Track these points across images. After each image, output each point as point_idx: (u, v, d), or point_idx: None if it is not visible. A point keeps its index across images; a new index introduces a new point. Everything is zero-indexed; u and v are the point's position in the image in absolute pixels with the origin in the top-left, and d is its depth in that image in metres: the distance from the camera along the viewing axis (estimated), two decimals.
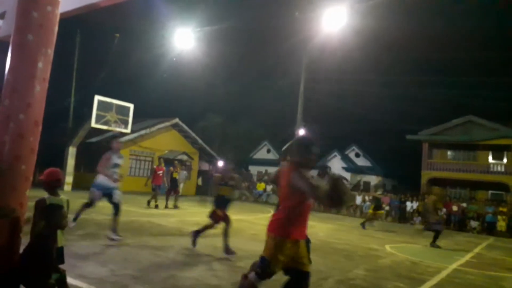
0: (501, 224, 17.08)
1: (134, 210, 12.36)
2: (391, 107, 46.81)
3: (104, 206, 12.83)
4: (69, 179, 18.49)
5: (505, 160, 25.75)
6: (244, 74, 51.47)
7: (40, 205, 3.13)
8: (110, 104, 18.70)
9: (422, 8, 44.47)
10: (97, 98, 18.13)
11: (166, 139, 23.46)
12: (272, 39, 44.99)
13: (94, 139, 21.27)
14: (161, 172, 14.35)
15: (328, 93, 34.61)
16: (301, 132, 27.89)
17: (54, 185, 3.29)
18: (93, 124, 18.08)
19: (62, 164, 18.44)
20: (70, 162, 18.86)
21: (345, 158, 37.05)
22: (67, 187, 18.24)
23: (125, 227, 8.64)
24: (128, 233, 7.84)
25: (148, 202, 14.06)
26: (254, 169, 33.89)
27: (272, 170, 32.07)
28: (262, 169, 31.99)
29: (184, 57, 24.69)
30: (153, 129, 22.70)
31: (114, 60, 22.77)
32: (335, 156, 36.83)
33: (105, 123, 18.52)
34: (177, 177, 14.70)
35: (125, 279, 4.55)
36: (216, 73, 43.40)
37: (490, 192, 25.49)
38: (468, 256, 9.37)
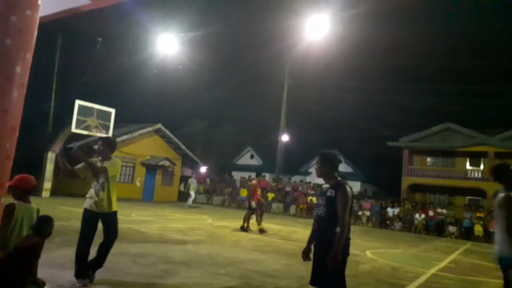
0: (478, 229, 17.46)
1: None
2: (372, 114, 47.60)
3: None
4: (47, 185, 18.09)
5: (482, 167, 26.43)
6: (228, 80, 51.54)
7: (8, 209, 3.04)
8: (91, 109, 18.43)
9: (403, 16, 45.49)
10: (77, 102, 17.84)
11: (148, 145, 23.23)
12: (256, 45, 45.20)
13: (74, 145, 20.87)
14: (250, 184, 12.47)
15: (311, 100, 34.95)
16: (284, 137, 28.08)
17: (24, 192, 3.23)
18: (74, 129, 17.77)
19: (41, 170, 18.03)
20: (49, 167, 18.46)
21: None
22: (46, 193, 17.84)
23: None
24: None
25: (243, 228, 11.73)
26: (237, 175, 33.81)
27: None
28: (246, 174, 31.93)
29: (167, 62, 24.60)
30: (135, 134, 22.46)
31: (96, 65, 22.52)
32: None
33: (86, 128, 18.23)
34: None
35: (104, 287, 4.48)
36: (200, 79, 43.31)
37: (467, 198, 26.08)
38: (446, 261, 9.55)
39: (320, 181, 3.69)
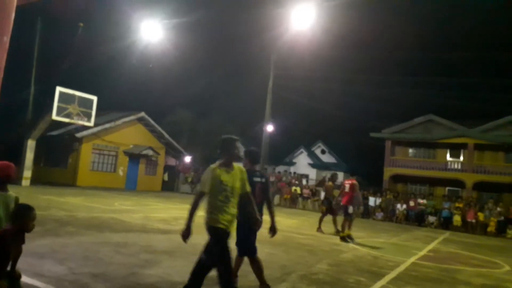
0: (457, 219, 17.90)
1: (97, 206, 12.04)
2: (357, 105, 47.95)
3: (64, 201, 12.42)
4: (27, 173, 17.72)
5: (461, 158, 27.02)
6: (213, 70, 51.08)
7: None
8: (73, 96, 18.07)
9: (388, 8, 45.70)
10: (58, 89, 17.46)
11: (131, 133, 22.94)
12: (242, 35, 44.93)
13: (55, 132, 20.49)
14: (348, 185, 10.21)
15: (296, 90, 35.01)
16: (269, 127, 28.10)
17: (1, 180, 3.14)
18: (54, 116, 17.41)
19: (20, 158, 17.63)
20: (29, 155, 18.07)
21: (311, 155, 37.63)
22: (25, 182, 17.48)
23: (87, 223, 8.41)
24: (89, 230, 7.62)
25: (339, 232, 10.45)
26: None
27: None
28: None
29: (151, 50, 24.20)
30: (118, 122, 22.13)
31: (78, 51, 21.99)
32: (302, 152, 37.32)
33: (67, 116, 17.89)
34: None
35: (84, 277, 4.43)
36: (185, 68, 42.83)
37: (447, 188, 26.68)
38: (425, 250, 9.76)
39: (304, 171, 3.77)
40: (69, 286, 4.02)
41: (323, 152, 38.68)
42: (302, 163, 36.05)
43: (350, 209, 9.85)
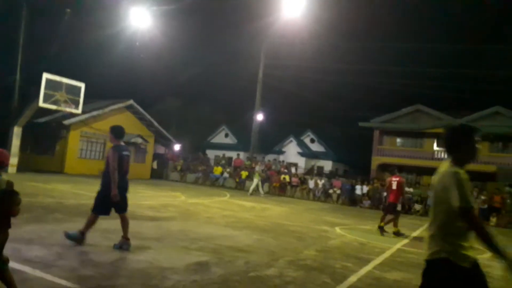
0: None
1: (85, 193, 11.99)
2: (346, 95, 48.16)
3: (52, 189, 12.33)
4: (13, 160, 17.47)
5: None
6: (203, 58, 50.66)
7: None
8: (60, 83, 17.79)
9: None
10: (45, 76, 17.17)
11: (119, 121, 22.64)
12: (233, 23, 44.52)
13: (42, 119, 20.21)
14: (395, 181, 9.89)
15: (286, 80, 34.96)
16: (259, 116, 28.11)
17: None
18: (41, 103, 17.15)
19: (6, 145, 17.39)
20: (15, 142, 17.83)
21: (301, 144, 37.75)
22: (12, 169, 17.26)
23: (75, 210, 8.40)
24: (77, 216, 7.60)
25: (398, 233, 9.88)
26: (211, 153, 33.75)
27: (230, 154, 32.12)
28: (220, 153, 31.87)
29: (140, 37, 23.86)
30: (106, 110, 21.90)
31: (65, 37, 21.59)
32: (291, 141, 37.41)
33: (54, 103, 17.63)
34: None
35: (72, 262, 4.44)
36: (174, 56, 42.34)
37: (433, 177, 27.12)
38: (411, 237, 9.97)
39: (293, 160, 3.80)
40: (57, 271, 4.03)
41: (312, 141, 38.82)
42: (291, 152, 36.16)
43: (398, 207, 9.89)
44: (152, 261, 4.87)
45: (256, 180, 19.56)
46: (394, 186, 9.92)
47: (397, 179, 10.01)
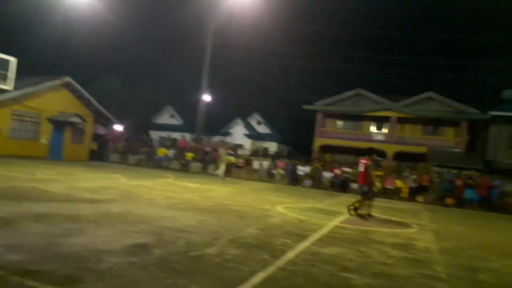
0: (377, 186, 19.32)
1: (17, 175, 11.24)
2: (292, 78, 48.83)
3: None
4: None
5: (384, 130, 29.00)
6: (149, 35, 48.65)
7: None
8: None
9: None
10: None
11: (56, 99, 21.34)
12: (181, 0, 43.02)
13: None
14: (363, 163, 9.88)
15: (234, 61, 34.70)
16: (206, 97, 27.75)
17: None
18: None
19: None
20: None
21: (248, 126, 38.00)
22: None
23: (6, 193, 7.86)
24: (6, 200, 7.13)
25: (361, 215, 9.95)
26: (155, 134, 32.95)
27: (175, 135, 31.55)
28: (164, 134, 31.20)
29: (80, 11, 22.38)
30: (41, 87, 20.42)
31: None
32: (238, 123, 37.52)
33: None
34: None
35: None
36: (118, 32, 40.27)
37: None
38: (347, 214, 10.50)
39: (240, 141, 3.80)
40: None
41: (259, 123, 39.21)
42: (238, 133, 36.32)
43: (365, 188, 9.78)
44: (88, 244, 4.71)
45: (223, 165, 19.29)
46: (361, 168, 9.84)
47: (365, 161, 9.83)
